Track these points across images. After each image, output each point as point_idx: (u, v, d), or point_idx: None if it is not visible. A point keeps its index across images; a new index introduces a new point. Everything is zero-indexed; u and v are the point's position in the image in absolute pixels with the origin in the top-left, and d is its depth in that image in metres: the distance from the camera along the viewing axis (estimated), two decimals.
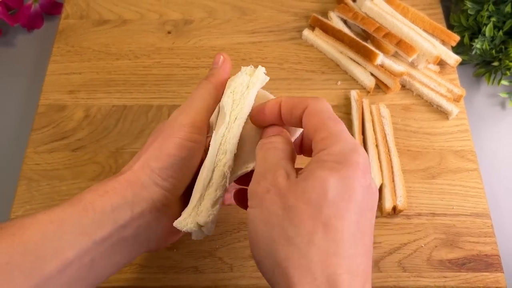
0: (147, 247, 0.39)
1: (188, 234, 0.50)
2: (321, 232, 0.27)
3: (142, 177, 0.37)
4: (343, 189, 0.28)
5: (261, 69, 0.40)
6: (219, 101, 0.40)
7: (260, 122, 0.38)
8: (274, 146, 0.34)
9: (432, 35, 0.63)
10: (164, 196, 0.38)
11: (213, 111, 0.40)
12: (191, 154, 0.38)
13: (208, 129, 0.41)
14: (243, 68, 0.40)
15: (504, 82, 0.63)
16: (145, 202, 0.37)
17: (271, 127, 0.37)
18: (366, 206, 0.29)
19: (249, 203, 0.32)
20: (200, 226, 0.38)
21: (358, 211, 0.29)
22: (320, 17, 0.65)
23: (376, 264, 0.50)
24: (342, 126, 0.32)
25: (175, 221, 0.38)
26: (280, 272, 0.28)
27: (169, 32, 0.66)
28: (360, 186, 0.29)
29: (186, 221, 0.38)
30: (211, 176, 0.38)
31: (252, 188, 0.32)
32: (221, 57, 0.43)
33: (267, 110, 0.36)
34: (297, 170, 0.32)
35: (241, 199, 0.42)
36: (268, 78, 0.40)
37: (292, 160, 0.34)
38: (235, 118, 0.38)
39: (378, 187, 0.53)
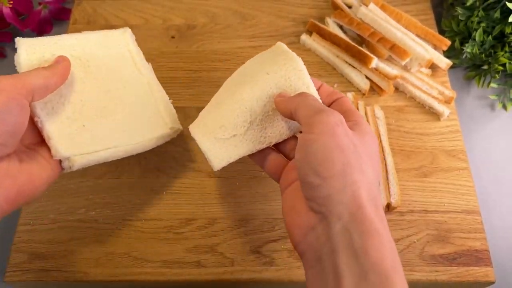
0: None
1: (191, 226, 0.50)
2: (372, 170, 0.36)
3: None
4: (377, 152, 0.38)
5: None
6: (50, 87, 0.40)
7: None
8: (313, 96, 0.40)
9: (424, 39, 0.63)
10: None
11: (45, 89, 0.40)
12: (5, 109, 0.36)
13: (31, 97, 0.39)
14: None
15: (493, 85, 0.63)
16: None
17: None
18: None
19: (314, 130, 0.35)
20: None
21: (380, 169, 0.39)
22: (317, 23, 0.65)
23: None
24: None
25: (190, 125, 0.44)
26: (353, 189, 0.34)
27: (172, 37, 0.66)
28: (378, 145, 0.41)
29: (199, 137, 0.43)
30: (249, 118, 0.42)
31: (318, 118, 0.36)
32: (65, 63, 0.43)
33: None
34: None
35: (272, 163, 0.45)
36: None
37: None
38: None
39: None
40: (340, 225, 0.33)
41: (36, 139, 0.42)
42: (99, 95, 0.45)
